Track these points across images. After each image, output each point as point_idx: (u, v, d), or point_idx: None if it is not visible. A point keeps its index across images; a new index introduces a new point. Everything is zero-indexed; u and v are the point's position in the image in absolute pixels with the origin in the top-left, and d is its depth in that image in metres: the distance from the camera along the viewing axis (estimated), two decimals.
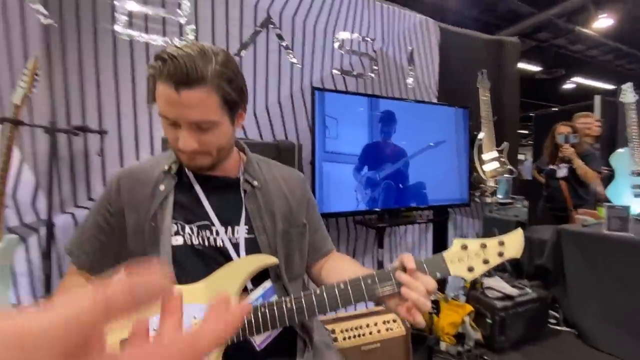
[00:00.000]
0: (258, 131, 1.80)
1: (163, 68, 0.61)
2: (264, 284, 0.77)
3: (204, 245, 0.75)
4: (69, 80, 1.48)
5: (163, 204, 0.75)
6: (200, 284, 0.70)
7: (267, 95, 1.81)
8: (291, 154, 1.57)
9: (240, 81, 0.69)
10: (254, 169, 0.82)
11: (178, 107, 0.63)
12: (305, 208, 0.87)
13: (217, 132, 0.67)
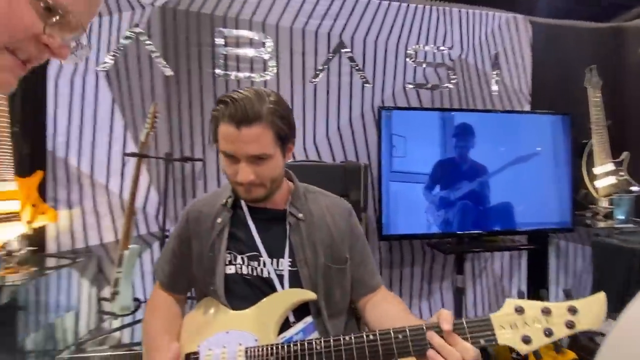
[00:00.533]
0: (330, 152, 1.90)
1: (225, 110, 0.71)
2: (305, 318, 0.79)
3: (252, 275, 0.82)
4: (182, 119, 1.86)
5: (220, 236, 0.84)
6: (247, 311, 0.78)
7: (338, 116, 1.90)
8: (357, 175, 1.60)
9: (290, 117, 0.77)
10: (300, 200, 0.86)
11: (238, 143, 0.71)
12: (349, 241, 0.86)
13: (271, 164, 0.75)
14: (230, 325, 0.77)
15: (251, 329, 0.75)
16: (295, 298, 0.77)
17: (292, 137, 0.80)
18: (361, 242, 0.89)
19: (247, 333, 0.74)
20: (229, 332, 0.76)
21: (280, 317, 0.76)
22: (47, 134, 1.78)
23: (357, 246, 0.87)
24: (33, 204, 1.57)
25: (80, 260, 1.70)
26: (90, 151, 1.82)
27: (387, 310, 0.81)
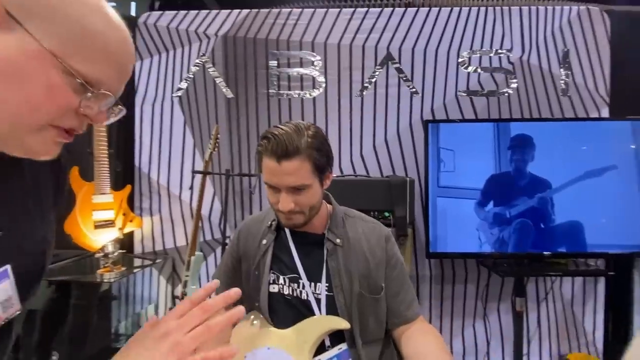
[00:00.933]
0: (378, 166, 1.90)
1: (268, 145, 0.77)
2: (340, 345, 0.82)
3: (292, 295, 0.87)
4: (241, 137, 2.04)
5: (264, 256, 0.90)
6: (286, 331, 0.83)
7: (386, 129, 1.89)
8: (402, 190, 1.58)
9: (327, 149, 0.81)
10: (338, 225, 0.88)
11: (279, 175, 0.77)
12: (384, 269, 0.86)
13: (309, 193, 0.79)
14: (271, 342, 0.83)
15: (289, 349, 0.80)
16: (330, 325, 0.81)
17: (330, 166, 0.83)
18: (398, 271, 0.88)
19: (285, 353, 0.80)
20: (270, 348, 0.82)
21: (315, 341, 0.80)
22: (135, 153, 2.12)
23: (393, 275, 0.87)
24: (124, 212, 1.88)
25: (159, 261, 1.99)
26: (167, 167, 2.11)
27: (421, 346, 0.80)
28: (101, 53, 0.39)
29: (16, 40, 0.35)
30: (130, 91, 2.13)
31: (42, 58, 0.36)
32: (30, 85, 0.36)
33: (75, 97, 0.38)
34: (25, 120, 0.38)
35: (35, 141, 0.39)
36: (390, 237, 0.90)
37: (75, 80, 0.37)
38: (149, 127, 2.12)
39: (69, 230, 1.73)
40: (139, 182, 2.11)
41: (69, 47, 0.37)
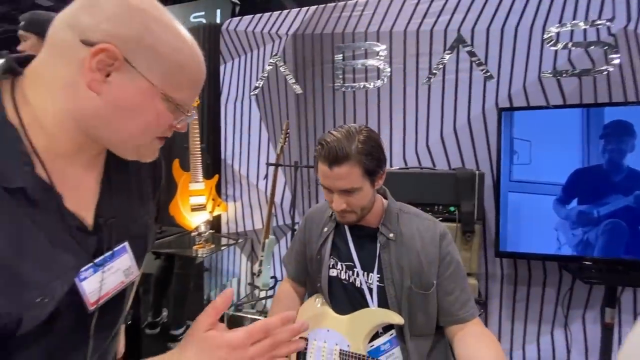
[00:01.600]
0: (445, 157, 1.82)
1: (321, 151, 0.83)
2: (391, 331, 0.88)
3: (348, 281, 0.93)
4: (308, 131, 2.17)
5: (325, 243, 0.98)
6: (344, 317, 0.90)
7: (455, 118, 1.79)
8: (470, 184, 1.50)
9: (378, 152, 0.84)
10: (392, 220, 0.91)
11: (331, 179, 0.82)
12: (437, 268, 0.86)
13: (360, 195, 0.84)
14: (331, 324, 0.91)
15: (346, 334, 0.87)
16: (385, 319, 0.85)
17: (381, 169, 0.86)
18: (453, 270, 0.87)
19: (342, 337, 0.87)
20: (329, 330, 0.90)
21: (370, 331, 0.85)
22: (221, 147, 2.44)
23: (446, 274, 0.86)
24: (213, 198, 2.20)
25: (241, 241, 2.28)
26: (246, 159, 2.38)
27: (475, 352, 0.78)
28: (188, 81, 0.49)
29: (130, 80, 0.44)
30: (216, 92, 2.45)
31: (151, 92, 0.46)
32: (144, 115, 0.47)
33: (172, 117, 0.49)
34: (141, 139, 0.50)
35: (146, 150, 0.52)
36: (445, 235, 0.90)
37: (172, 105, 0.48)
38: (232, 124, 2.41)
39: (172, 212, 2.11)
40: (225, 172, 2.43)
41: (167, 80, 0.46)
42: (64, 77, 0.44)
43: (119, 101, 0.45)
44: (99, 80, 0.43)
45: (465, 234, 1.51)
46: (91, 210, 0.53)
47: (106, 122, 0.47)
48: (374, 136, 0.84)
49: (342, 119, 2.07)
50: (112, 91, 0.44)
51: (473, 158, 1.75)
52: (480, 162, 1.74)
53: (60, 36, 0.44)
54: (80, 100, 0.45)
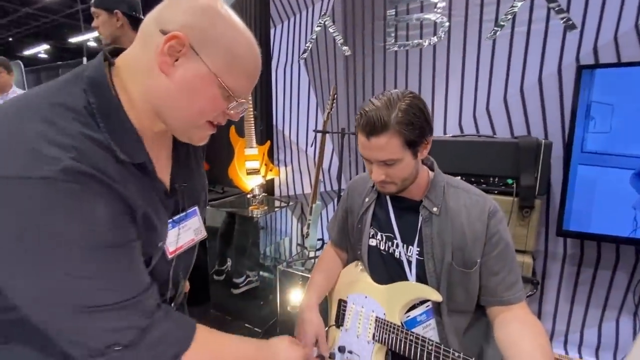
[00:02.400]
0: (508, 124, 1.62)
1: (360, 121, 0.79)
2: (427, 302, 0.86)
3: (387, 252, 0.93)
4: (357, 95, 2.10)
5: (366, 212, 0.97)
6: (383, 287, 0.90)
7: (522, 77, 1.56)
8: (533, 154, 1.33)
9: (421, 122, 0.77)
10: (437, 193, 0.86)
11: (369, 150, 0.80)
12: (483, 246, 0.81)
13: (399, 167, 0.80)
14: (369, 292, 0.92)
15: (382, 303, 0.88)
16: (422, 294, 0.84)
17: (424, 139, 0.81)
18: (501, 249, 0.81)
19: (379, 305, 0.89)
20: (367, 297, 0.92)
21: (407, 304, 0.85)
22: (273, 113, 2.50)
23: (493, 253, 0.81)
24: (265, 163, 2.33)
25: (291, 204, 2.41)
26: (296, 125, 2.42)
27: (517, 339, 0.73)
28: (244, 74, 0.55)
29: (194, 66, 0.51)
30: (267, 58, 2.46)
31: (210, 79, 0.52)
32: (201, 98, 0.53)
33: (225, 103, 0.55)
34: (195, 121, 0.56)
35: (197, 134, 0.58)
36: (495, 213, 0.83)
37: (226, 92, 0.54)
38: (282, 90, 2.44)
39: (231, 176, 2.29)
40: (276, 137, 2.52)
41: (225, 70, 0.52)
42: (145, 63, 0.52)
43: (183, 83, 0.52)
44: (168, 64, 0.51)
45: (522, 209, 1.38)
46: (167, 178, 0.64)
47: (170, 102, 0.53)
48: (417, 103, 0.78)
49: (393, 83, 1.95)
50: (178, 74, 0.51)
51: (541, 125, 1.54)
52: (550, 129, 1.52)
53: (146, 29, 0.53)
54: (154, 81, 0.52)
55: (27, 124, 0.44)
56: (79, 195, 0.44)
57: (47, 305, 0.46)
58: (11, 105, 0.48)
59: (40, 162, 0.42)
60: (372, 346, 0.87)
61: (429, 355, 0.76)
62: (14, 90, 2.42)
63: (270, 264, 2.46)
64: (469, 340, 0.85)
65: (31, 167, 0.41)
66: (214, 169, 2.50)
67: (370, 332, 0.88)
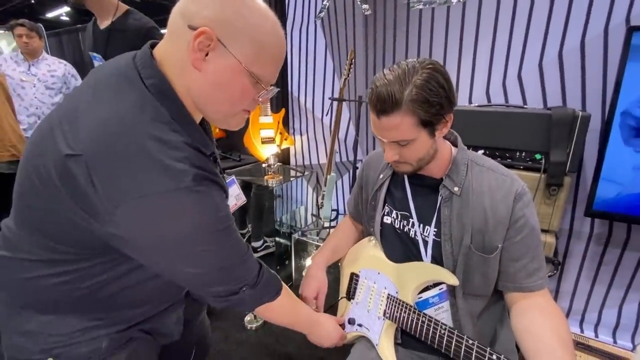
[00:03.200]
0: (541, 92, 1.47)
1: (371, 96, 0.73)
2: (441, 285, 0.83)
3: (402, 230, 0.89)
4: (376, 59, 1.95)
5: (380, 189, 0.94)
6: (397, 265, 0.88)
7: (563, 39, 1.38)
8: (566, 128, 1.22)
9: (439, 97, 0.69)
10: (459, 172, 0.81)
11: (380, 129, 0.74)
12: (505, 230, 0.76)
13: (414, 147, 0.74)
14: (382, 268, 0.91)
15: (395, 282, 0.87)
16: (438, 276, 0.81)
17: (444, 116, 0.72)
18: (525, 235, 0.75)
19: (392, 283, 0.88)
20: (380, 273, 0.91)
21: (420, 284, 0.83)
22: (288, 79, 2.40)
23: (516, 239, 0.76)
24: (280, 132, 2.28)
25: (307, 174, 2.39)
26: (312, 92, 2.32)
27: (536, 328, 0.69)
28: (271, 60, 0.57)
29: (223, 59, 0.53)
30: (281, 18, 2.31)
31: (239, 70, 0.54)
32: (232, 90, 0.56)
33: (254, 91, 0.58)
34: (230, 112, 0.59)
35: (234, 121, 0.62)
36: (523, 195, 0.77)
37: (254, 80, 0.56)
38: (297, 54, 2.31)
39: (246, 144, 2.28)
40: (291, 105, 2.44)
41: (253, 59, 0.54)
42: (179, 59, 0.54)
43: (215, 77, 0.54)
44: (200, 59, 0.52)
45: (550, 187, 1.29)
46: None
47: (205, 96, 0.56)
48: (437, 77, 0.69)
49: (416, 47, 1.79)
50: (209, 68, 0.53)
51: (579, 94, 1.39)
52: (589, 100, 1.37)
53: (175, 23, 0.54)
54: (189, 77, 0.54)
55: (143, 141, 0.49)
56: (207, 194, 0.54)
57: (200, 269, 0.59)
58: (106, 123, 0.51)
59: (178, 175, 0.50)
60: (383, 322, 0.87)
61: (440, 339, 0.74)
62: (44, 56, 2.42)
63: (286, 231, 2.51)
64: (483, 323, 0.83)
65: (174, 181, 0.50)
66: (230, 136, 2.49)
67: (381, 308, 0.88)
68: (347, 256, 1.07)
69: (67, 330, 0.60)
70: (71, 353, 0.60)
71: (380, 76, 0.72)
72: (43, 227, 0.55)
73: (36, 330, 0.59)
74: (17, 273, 0.58)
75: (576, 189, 1.45)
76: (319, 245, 1.91)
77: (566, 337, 0.66)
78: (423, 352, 0.85)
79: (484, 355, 0.65)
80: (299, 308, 0.84)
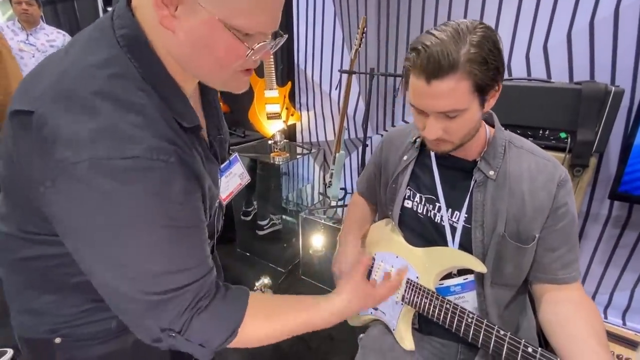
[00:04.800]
0: (568, 65, 1.37)
1: (417, 60, 0.62)
2: (466, 275, 0.78)
3: (425, 215, 0.83)
4: (389, 33, 1.82)
5: (404, 172, 0.87)
6: (418, 249, 0.83)
7: (595, 8, 1.27)
8: (597, 104, 1.14)
9: (496, 60, 0.62)
10: (496, 154, 0.74)
11: (427, 98, 0.64)
12: (545, 219, 0.71)
13: (463, 119, 0.66)
14: (401, 252, 0.87)
15: (416, 266, 0.83)
16: (464, 263, 0.76)
17: (497, 83, 0.65)
18: (565, 224, 0.71)
19: (412, 267, 0.83)
20: (398, 257, 0.87)
21: (444, 270, 0.79)
22: (294, 50, 2.28)
23: (556, 227, 0.71)
24: (286, 107, 2.20)
25: (314, 151, 2.33)
26: (319, 64, 2.21)
27: (570, 323, 0.66)
28: (256, 8, 0.45)
29: (194, 13, 0.43)
30: None
31: (218, 27, 0.44)
32: (214, 49, 0.46)
33: (243, 47, 0.47)
34: (222, 73, 0.50)
35: (232, 83, 0.52)
36: (566, 182, 0.71)
37: (240, 33, 0.45)
38: (304, 22, 2.18)
39: (252, 119, 2.20)
40: (298, 78, 2.33)
41: (232, 11, 0.44)
42: (153, 18, 0.45)
43: (190, 36, 0.45)
44: (168, 17, 0.44)
45: (574, 167, 1.23)
46: (204, 130, 0.61)
47: (188, 59, 0.48)
48: (492, 36, 0.62)
49: (433, 14, 1.67)
50: (182, 27, 0.45)
51: (609, 68, 1.30)
52: (620, 74, 1.28)
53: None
54: (165, 39, 0.47)
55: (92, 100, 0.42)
56: (162, 174, 0.43)
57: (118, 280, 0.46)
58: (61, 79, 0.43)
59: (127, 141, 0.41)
60: (401, 307, 0.85)
61: (467, 328, 0.71)
62: (42, 25, 2.33)
63: (293, 209, 2.49)
64: (509, 313, 0.80)
65: (120, 149, 0.41)
66: (235, 111, 2.41)
67: (399, 293, 0.85)
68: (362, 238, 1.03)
69: (72, 311, 0.57)
70: (80, 332, 0.58)
71: (426, 36, 0.63)
72: (20, 200, 0.50)
73: (41, 309, 0.56)
74: (14, 252, 0.54)
75: (597, 170, 1.40)
76: (326, 224, 1.88)
77: (603, 336, 0.64)
78: (442, 339, 0.84)
79: (518, 348, 0.62)
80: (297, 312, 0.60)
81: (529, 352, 0.61)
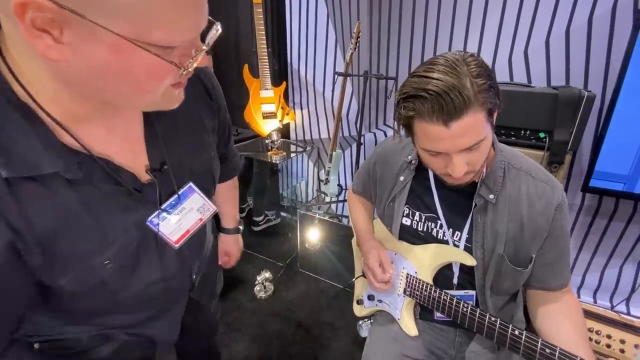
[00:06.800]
0: (546, 70, 1.49)
1: (423, 107, 0.60)
2: (467, 290, 0.84)
3: (427, 232, 0.86)
4: (381, 37, 1.89)
5: (401, 193, 0.88)
6: (415, 247, 0.90)
7: (572, 15, 1.38)
8: (572, 107, 1.25)
9: (493, 80, 0.62)
10: (496, 177, 0.75)
11: (449, 141, 0.62)
12: (542, 241, 0.74)
13: (483, 146, 0.65)
14: (399, 249, 0.93)
15: (414, 262, 0.89)
16: (457, 257, 0.82)
17: (499, 99, 0.65)
18: (560, 243, 0.75)
19: (410, 263, 0.90)
20: (397, 254, 0.93)
21: (439, 265, 0.84)
22: (287, 50, 2.32)
23: (550, 247, 0.75)
24: (281, 106, 2.25)
25: (308, 149, 2.40)
26: (312, 64, 2.26)
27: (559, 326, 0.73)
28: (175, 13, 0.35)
29: (92, 36, 0.33)
30: None
31: (129, 49, 0.35)
32: (132, 76, 0.37)
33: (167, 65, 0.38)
34: (145, 97, 0.41)
35: (163, 101, 0.44)
36: (563, 205, 0.73)
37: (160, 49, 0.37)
38: (297, 23, 2.22)
39: (247, 119, 2.24)
40: (291, 78, 2.38)
41: (146, 25, 0.34)
42: (25, 43, 0.34)
43: (94, 64, 0.35)
44: (51, 46, 0.33)
45: (551, 164, 1.37)
46: (144, 162, 0.52)
47: (97, 89, 0.39)
48: (481, 60, 0.62)
49: (423, 18, 1.75)
50: (78, 54, 0.34)
51: (582, 73, 1.42)
52: (592, 79, 1.41)
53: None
54: (56, 70, 0.37)
55: None
56: None
57: None
58: None
59: None
60: (403, 299, 0.94)
61: (463, 316, 0.80)
62: None
63: (288, 205, 2.56)
64: (505, 312, 0.88)
65: None
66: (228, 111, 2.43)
67: (401, 287, 0.94)
68: None
69: (41, 326, 0.56)
70: (54, 345, 0.57)
71: (421, 81, 0.61)
72: None
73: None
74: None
75: (571, 165, 1.54)
76: (322, 219, 1.97)
77: (583, 329, 0.74)
78: (442, 325, 0.94)
79: (507, 331, 0.73)
80: None
81: (516, 334, 0.71)
